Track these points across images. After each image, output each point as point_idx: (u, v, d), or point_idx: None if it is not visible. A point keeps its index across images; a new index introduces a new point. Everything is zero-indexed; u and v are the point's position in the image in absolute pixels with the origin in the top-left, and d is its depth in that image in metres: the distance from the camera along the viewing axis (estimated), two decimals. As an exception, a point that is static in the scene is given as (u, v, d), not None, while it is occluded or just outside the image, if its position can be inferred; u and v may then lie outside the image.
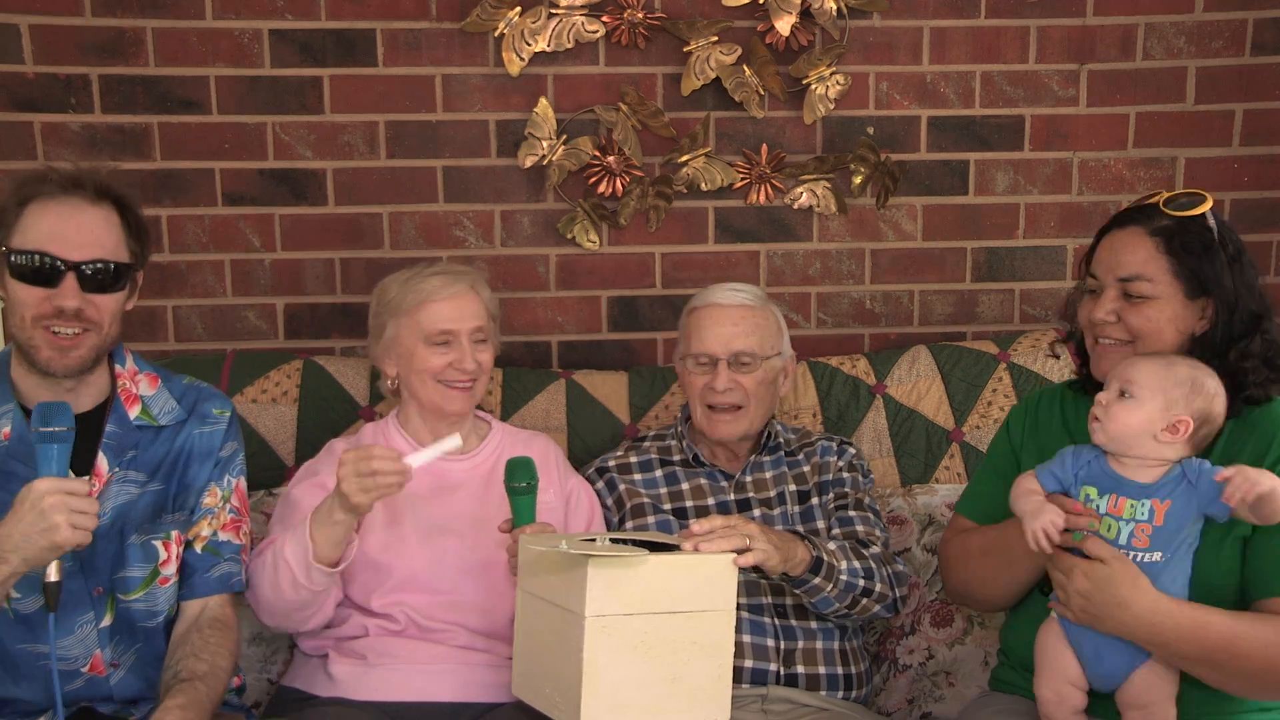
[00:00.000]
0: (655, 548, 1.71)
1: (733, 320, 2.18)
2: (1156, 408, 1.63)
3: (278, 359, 2.47)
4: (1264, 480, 1.54)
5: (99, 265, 1.73)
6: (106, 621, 1.78)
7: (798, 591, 1.95)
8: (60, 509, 1.57)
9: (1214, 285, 1.69)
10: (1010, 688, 1.89)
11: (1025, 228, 2.73)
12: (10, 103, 2.49)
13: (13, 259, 1.71)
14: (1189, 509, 1.62)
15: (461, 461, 2.13)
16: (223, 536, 1.90)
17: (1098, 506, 1.66)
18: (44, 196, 1.73)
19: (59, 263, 1.70)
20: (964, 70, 2.66)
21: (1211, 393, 1.64)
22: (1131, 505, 1.64)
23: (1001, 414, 2.47)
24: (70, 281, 1.71)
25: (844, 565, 1.95)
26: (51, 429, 1.63)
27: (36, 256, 1.70)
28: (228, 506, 1.92)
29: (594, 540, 1.72)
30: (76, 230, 1.72)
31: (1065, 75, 2.68)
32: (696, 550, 1.70)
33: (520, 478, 1.88)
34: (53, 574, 1.62)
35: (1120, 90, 2.68)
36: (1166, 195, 1.75)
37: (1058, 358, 2.49)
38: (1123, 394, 1.66)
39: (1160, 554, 1.63)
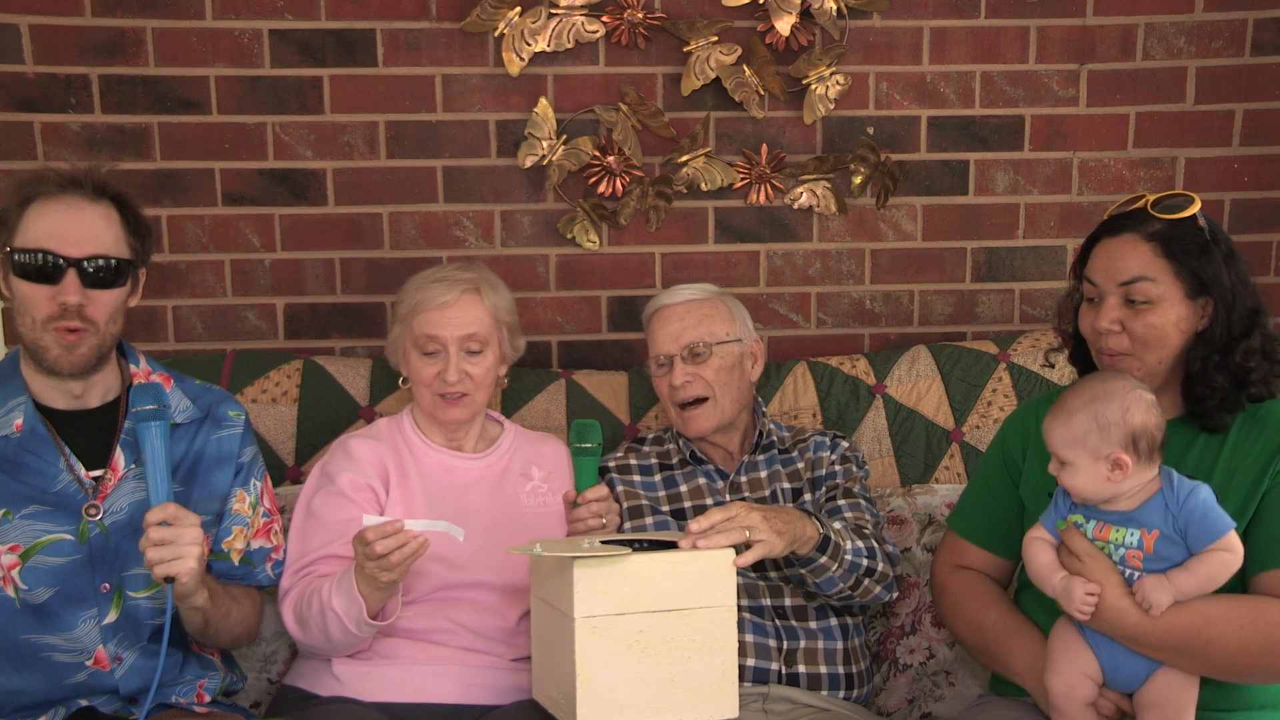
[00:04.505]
0: (663, 547, 1.70)
1: (679, 316, 2.22)
2: (1087, 464, 1.62)
3: (278, 359, 2.47)
4: (1164, 598, 1.59)
5: (99, 261, 1.75)
6: (110, 618, 1.79)
7: (803, 571, 1.94)
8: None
9: (1214, 283, 1.70)
10: (1010, 689, 1.89)
11: (1025, 228, 2.73)
12: (10, 103, 2.49)
13: (16, 258, 1.74)
14: (1177, 539, 1.61)
15: (474, 461, 2.14)
16: (255, 544, 1.96)
17: (1086, 532, 1.67)
18: (44, 196, 1.76)
19: (60, 260, 1.73)
20: (964, 70, 2.66)
21: (1117, 417, 1.61)
22: (1117, 530, 1.64)
23: (1001, 414, 2.47)
24: (71, 278, 1.73)
25: (849, 545, 1.95)
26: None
27: (39, 255, 1.73)
28: (260, 510, 1.97)
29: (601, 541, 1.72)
30: (75, 227, 1.75)
31: (1065, 75, 2.68)
32: (695, 548, 1.69)
33: (591, 438, 1.91)
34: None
35: (1120, 90, 2.68)
36: (1152, 197, 1.76)
37: (1052, 366, 2.48)
38: (1062, 463, 1.66)
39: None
